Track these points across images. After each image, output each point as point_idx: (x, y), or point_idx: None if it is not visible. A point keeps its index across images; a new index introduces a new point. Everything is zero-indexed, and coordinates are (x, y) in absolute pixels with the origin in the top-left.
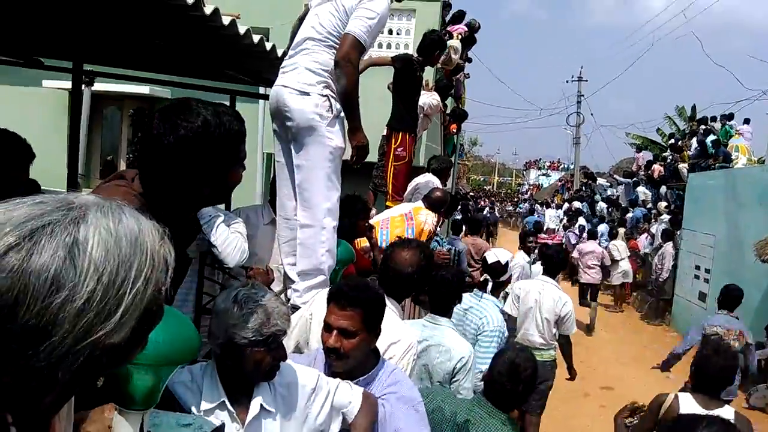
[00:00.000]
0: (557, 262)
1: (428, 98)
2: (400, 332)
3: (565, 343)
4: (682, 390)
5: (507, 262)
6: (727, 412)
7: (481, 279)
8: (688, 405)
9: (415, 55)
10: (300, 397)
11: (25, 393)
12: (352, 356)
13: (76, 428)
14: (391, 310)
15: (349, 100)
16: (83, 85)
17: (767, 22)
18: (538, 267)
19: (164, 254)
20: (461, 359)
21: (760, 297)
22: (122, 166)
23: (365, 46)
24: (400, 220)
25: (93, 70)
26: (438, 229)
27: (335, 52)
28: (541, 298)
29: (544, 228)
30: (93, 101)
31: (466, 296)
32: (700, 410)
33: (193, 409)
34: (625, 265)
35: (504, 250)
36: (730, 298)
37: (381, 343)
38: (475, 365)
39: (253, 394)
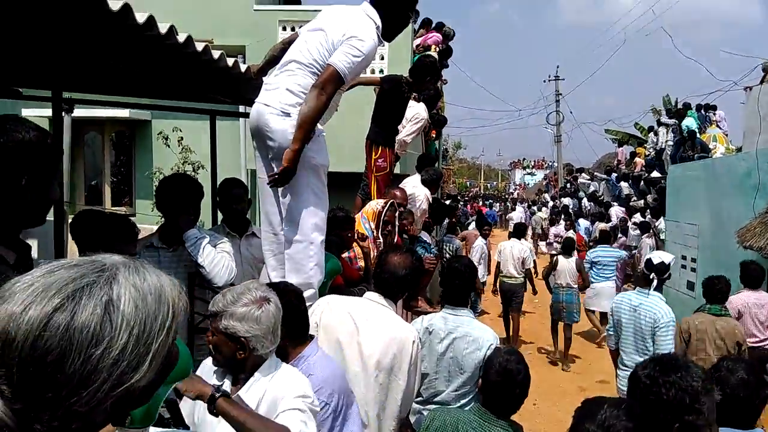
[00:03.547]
0: (522, 230)
1: (405, 132)
2: (404, 328)
3: (527, 274)
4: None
5: (670, 262)
6: (572, 260)
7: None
8: (562, 260)
9: (406, 75)
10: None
11: None
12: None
13: None
14: (388, 308)
15: (304, 123)
16: (63, 113)
17: (735, 13)
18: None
19: (182, 306)
20: (490, 347)
21: None
22: (106, 190)
23: (345, 80)
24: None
25: (72, 98)
26: (429, 238)
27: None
28: (512, 250)
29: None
30: (74, 127)
31: (633, 294)
32: (566, 261)
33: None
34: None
35: (666, 253)
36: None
37: (389, 338)
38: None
39: (250, 385)
